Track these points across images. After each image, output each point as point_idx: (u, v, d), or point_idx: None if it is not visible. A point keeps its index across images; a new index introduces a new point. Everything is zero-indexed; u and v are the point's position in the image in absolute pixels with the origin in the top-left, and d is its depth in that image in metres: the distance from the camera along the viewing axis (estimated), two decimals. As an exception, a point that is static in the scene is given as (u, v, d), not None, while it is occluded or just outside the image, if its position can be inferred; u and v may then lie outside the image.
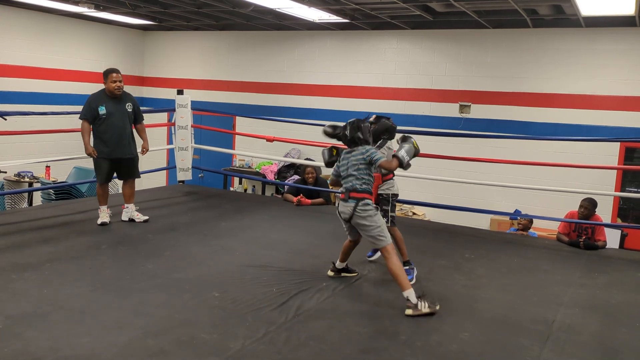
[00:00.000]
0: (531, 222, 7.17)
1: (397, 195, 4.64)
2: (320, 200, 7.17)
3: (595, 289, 4.52)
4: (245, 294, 3.91)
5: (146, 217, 5.71)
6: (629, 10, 6.81)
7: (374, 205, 4.04)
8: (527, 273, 4.86)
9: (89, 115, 5.43)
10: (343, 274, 4.41)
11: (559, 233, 6.12)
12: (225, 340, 3.19)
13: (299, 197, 7.08)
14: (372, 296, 4.08)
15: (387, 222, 4.31)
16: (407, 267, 4.35)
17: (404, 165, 4.02)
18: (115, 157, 5.52)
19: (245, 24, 9.87)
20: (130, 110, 5.59)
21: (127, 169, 5.68)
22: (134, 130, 5.74)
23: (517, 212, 8.03)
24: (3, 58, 9.36)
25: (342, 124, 4.23)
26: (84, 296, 3.68)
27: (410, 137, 4.22)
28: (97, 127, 5.45)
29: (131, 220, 5.68)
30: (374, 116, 4.41)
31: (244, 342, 3.17)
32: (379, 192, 4.48)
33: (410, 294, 3.70)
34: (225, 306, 3.67)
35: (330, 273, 4.39)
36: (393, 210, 4.56)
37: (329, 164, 4.36)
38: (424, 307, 3.67)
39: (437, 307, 3.72)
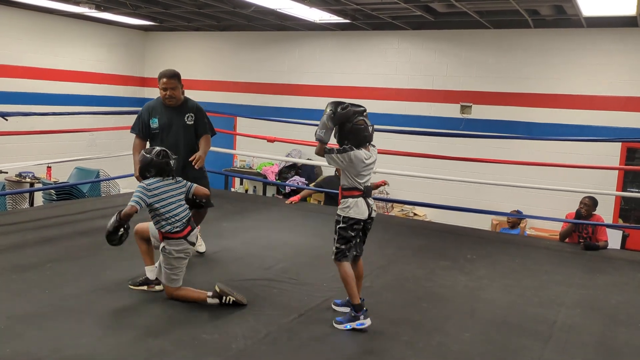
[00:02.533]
0: (519, 219, 7.19)
1: (355, 220, 3.51)
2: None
3: (596, 290, 4.52)
4: (247, 294, 3.90)
5: (201, 249, 4.69)
6: (630, 10, 6.81)
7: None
8: (528, 274, 4.85)
9: (141, 129, 4.45)
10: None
11: (561, 231, 6.14)
12: (227, 340, 3.18)
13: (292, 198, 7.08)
14: (373, 296, 4.07)
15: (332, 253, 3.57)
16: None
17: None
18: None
19: (246, 24, 9.88)
20: (191, 123, 4.45)
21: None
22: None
23: (518, 212, 8.02)
24: (4, 58, 9.37)
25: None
26: (85, 296, 3.68)
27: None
28: (151, 144, 4.39)
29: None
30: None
31: (245, 343, 3.16)
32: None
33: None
34: (226, 306, 3.67)
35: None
36: (341, 241, 3.53)
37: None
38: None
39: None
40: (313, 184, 7.53)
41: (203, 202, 3.97)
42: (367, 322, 3.45)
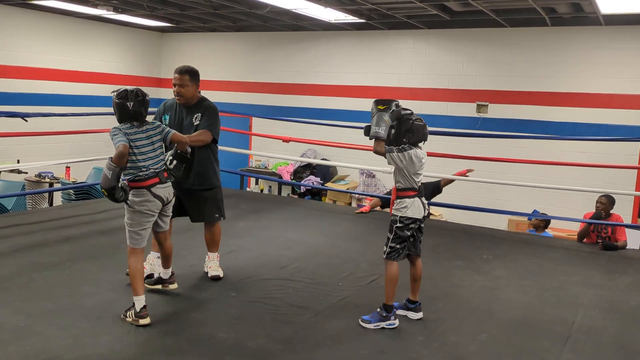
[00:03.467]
0: (545, 223, 7.07)
1: (412, 220, 3.56)
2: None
3: (615, 290, 4.46)
4: (262, 293, 3.92)
5: (217, 274, 4.16)
6: (650, 7, 6.70)
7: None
8: (546, 274, 4.81)
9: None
10: None
11: (579, 231, 6.07)
12: (243, 339, 3.20)
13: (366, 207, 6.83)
14: (388, 296, 4.06)
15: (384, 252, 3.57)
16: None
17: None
18: (176, 187, 3.86)
19: (262, 25, 9.91)
20: (198, 123, 4.07)
21: (194, 206, 4.19)
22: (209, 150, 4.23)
23: (535, 213, 7.94)
24: (24, 60, 9.51)
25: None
26: (104, 295, 3.72)
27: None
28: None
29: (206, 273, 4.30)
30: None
31: (261, 342, 3.18)
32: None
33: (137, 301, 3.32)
34: (243, 306, 3.69)
35: None
36: (396, 241, 3.54)
37: None
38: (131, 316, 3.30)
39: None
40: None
41: (186, 155, 3.63)
42: (397, 322, 3.50)
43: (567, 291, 4.37)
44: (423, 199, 3.64)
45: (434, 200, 6.73)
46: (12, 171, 8.14)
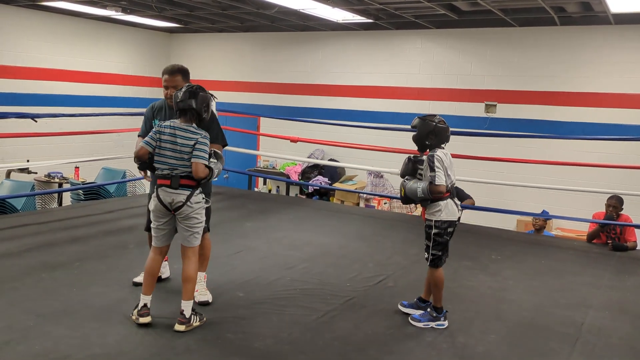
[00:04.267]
0: (545, 222, 7.08)
1: (448, 223, 3.51)
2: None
3: (625, 292, 4.43)
4: (270, 294, 3.92)
5: (206, 299, 3.72)
6: (661, 6, 6.64)
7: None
8: (555, 275, 4.78)
9: (145, 131, 3.82)
10: None
11: (589, 232, 6.04)
12: (250, 339, 3.21)
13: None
14: (397, 297, 4.05)
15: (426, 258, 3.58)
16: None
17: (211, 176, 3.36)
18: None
19: (270, 25, 9.92)
20: None
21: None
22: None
23: (544, 213, 7.90)
24: (33, 61, 9.58)
25: None
26: (113, 295, 3.74)
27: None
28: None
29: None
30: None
31: (269, 342, 3.18)
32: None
33: (189, 305, 3.28)
34: (250, 306, 3.70)
35: None
36: (437, 247, 3.53)
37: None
38: (197, 321, 3.30)
39: (204, 319, 3.35)
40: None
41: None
42: (446, 323, 3.54)
43: (576, 292, 4.34)
44: (456, 199, 3.62)
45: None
46: (21, 171, 8.19)
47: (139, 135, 4.03)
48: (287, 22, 9.56)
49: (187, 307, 3.28)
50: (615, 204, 5.74)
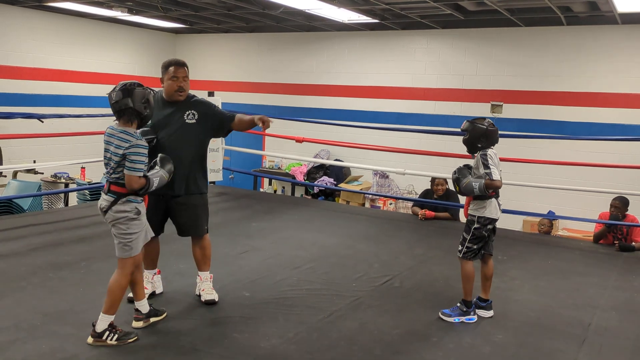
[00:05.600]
0: (551, 227, 7.03)
1: (490, 220, 3.68)
2: (445, 214, 6.48)
3: (632, 292, 4.40)
4: (276, 294, 3.92)
5: (212, 297, 3.67)
6: (668, 5, 6.61)
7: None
8: (561, 275, 4.76)
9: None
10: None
11: (595, 233, 6.01)
12: (256, 339, 3.21)
13: (423, 211, 6.48)
14: (403, 297, 4.05)
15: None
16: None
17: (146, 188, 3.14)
18: (161, 195, 3.55)
19: (275, 25, 9.93)
20: (193, 121, 3.57)
21: (181, 218, 3.67)
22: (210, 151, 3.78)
23: (550, 213, 7.87)
24: (39, 62, 9.63)
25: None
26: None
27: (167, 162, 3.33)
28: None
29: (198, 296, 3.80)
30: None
31: (275, 342, 3.18)
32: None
33: (107, 320, 3.05)
34: (256, 306, 3.70)
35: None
36: (474, 241, 3.66)
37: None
38: (112, 339, 3.03)
39: (133, 340, 3.09)
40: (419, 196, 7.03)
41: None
42: (476, 317, 3.64)
43: (583, 292, 4.32)
44: (499, 199, 3.78)
45: (447, 201, 6.69)
46: (28, 172, 8.23)
47: None
48: (292, 23, 9.56)
49: (101, 320, 3.02)
50: (618, 204, 5.71)
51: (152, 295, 3.72)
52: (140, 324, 3.27)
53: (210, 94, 7.64)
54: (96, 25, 10.38)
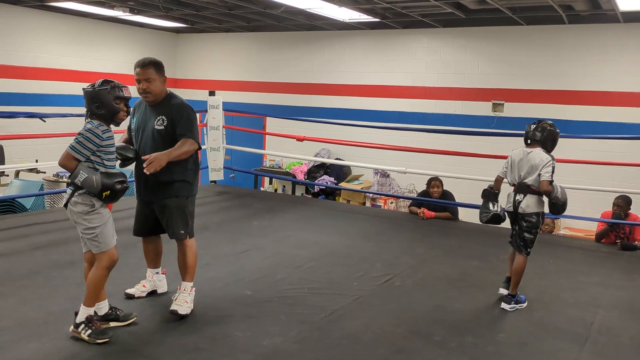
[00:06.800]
0: (554, 227, 7.04)
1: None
2: (446, 214, 6.56)
3: (634, 291, 4.40)
4: (278, 292, 3.93)
5: (178, 309, 3.42)
6: (670, 4, 6.60)
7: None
8: (563, 275, 4.76)
9: (128, 129, 3.69)
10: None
11: (597, 232, 6.00)
12: (258, 338, 3.21)
13: (422, 209, 6.58)
14: (405, 296, 4.05)
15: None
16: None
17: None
18: (145, 199, 3.60)
19: (276, 25, 9.93)
20: (161, 127, 3.40)
21: (161, 221, 3.58)
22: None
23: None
24: (42, 61, 9.64)
25: None
26: (122, 293, 3.75)
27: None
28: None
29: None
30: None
31: (277, 341, 3.19)
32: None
33: (85, 312, 3.07)
34: (258, 304, 3.70)
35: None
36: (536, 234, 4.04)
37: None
38: (85, 333, 3.02)
39: (104, 341, 3.02)
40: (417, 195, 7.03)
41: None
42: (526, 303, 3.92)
43: (585, 292, 4.32)
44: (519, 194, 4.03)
45: (447, 200, 6.69)
46: (30, 171, 8.24)
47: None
48: (293, 22, 9.56)
49: (81, 312, 3.05)
50: (621, 203, 5.71)
51: (153, 293, 3.73)
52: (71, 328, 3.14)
53: (212, 94, 7.63)
54: (98, 24, 10.39)
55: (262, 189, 10.19)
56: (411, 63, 9.58)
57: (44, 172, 8.38)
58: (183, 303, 3.44)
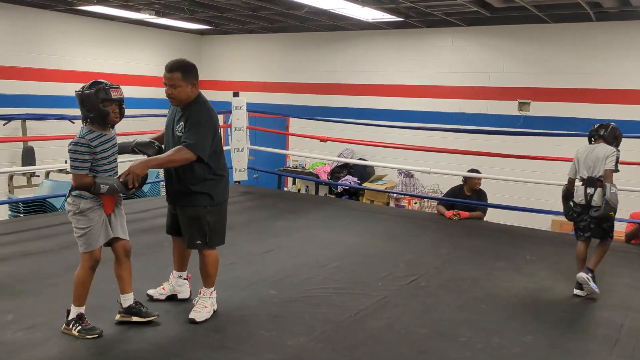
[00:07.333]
0: None
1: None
2: (478, 213, 6.48)
3: (667, 294, 4.30)
4: (302, 292, 3.94)
5: (195, 317, 3.38)
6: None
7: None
8: (592, 276, 4.66)
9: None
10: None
11: (626, 232, 5.88)
12: (283, 337, 3.23)
13: (456, 211, 6.41)
14: (430, 296, 4.03)
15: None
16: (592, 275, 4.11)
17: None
18: (168, 201, 3.63)
19: (299, 25, 9.96)
20: (180, 133, 3.39)
21: (181, 225, 3.55)
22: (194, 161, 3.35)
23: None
24: (70, 64, 9.83)
25: None
26: (146, 291, 3.80)
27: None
28: None
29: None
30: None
31: (302, 340, 3.20)
32: None
33: (75, 310, 3.16)
34: (283, 304, 3.72)
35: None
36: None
37: None
38: (75, 330, 3.10)
39: (93, 337, 3.08)
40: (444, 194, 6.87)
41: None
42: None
43: (615, 293, 4.24)
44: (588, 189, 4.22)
45: (477, 199, 6.63)
46: (60, 171, 8.41)
47: None
48: (316, 22, 9.58)
49: (72, 311, 3.16)
50: None
51: (173, 298, 3.70)
52: (117, 317, 3.34)
53: (235, 94, 7.71)
54: (124, 27, 10.56)
55: (285, 189, 10.23)
56: (435, 62, 9.51)
57: (73, 173, 8.55)
58: (202, 309, 3.43)
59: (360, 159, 9.80)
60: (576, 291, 4.12)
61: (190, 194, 3.40)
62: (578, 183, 4.36)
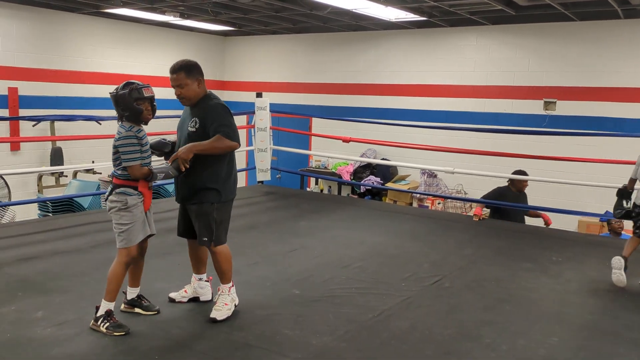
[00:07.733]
0: (622, 224, 6.77)
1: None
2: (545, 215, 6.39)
3: (698, 297, 4.20)
4: (326, 292, 3.96)
5: (215, 316, 3.40)
6: None
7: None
8: (620, 278, 4.58)
9: None
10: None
11: None
12: (307, 336, 3.24)
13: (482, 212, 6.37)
14: (454, 297, 4.01)
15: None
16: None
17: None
18: (177, 200, 3.64)
19: (322, 26, 9.98)
20: (193, 129, 3.42)
21: (193, 222, 3.55)
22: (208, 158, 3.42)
23: (607, 214, 7.58)
24: (97, 66, 10.01)
25: None
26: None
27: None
28: None
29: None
30: None
31: (326, 339, 3.21)
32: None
33: (105, 306, 3.21)
34: (306, 303, 3.74)
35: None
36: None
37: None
38: (103, 326, 3.16)
39: (120, 334, 3.14)
40: (483, 196, 6.71)
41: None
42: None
43: (644, 296, 4.16)
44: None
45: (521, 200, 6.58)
46: (87, 172, 8.59)
47: None
48: (339, 23, 9.59)
49: (101, 307, 3.21)
50: None
51: (195, 300, 3.70)
52: (122, 306, 3.46)
53: (259, 95, 7.75)
54: (149, 30, 10.72)
55: (308, 189, 10.26)
56: (459, 61, 9.44)
57: (100, 173, 8.71)
58: (222, 306, 3.46)
59: (383, 159, 9.78)
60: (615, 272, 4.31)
61: (199, 191, 3.44)
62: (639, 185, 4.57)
